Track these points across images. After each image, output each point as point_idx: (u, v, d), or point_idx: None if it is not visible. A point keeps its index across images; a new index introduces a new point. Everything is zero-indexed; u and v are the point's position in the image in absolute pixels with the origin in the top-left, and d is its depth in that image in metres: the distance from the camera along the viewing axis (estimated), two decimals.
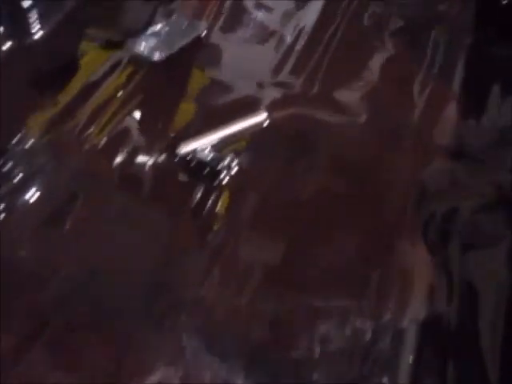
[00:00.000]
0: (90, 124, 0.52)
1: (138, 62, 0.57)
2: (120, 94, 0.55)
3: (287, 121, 0.55)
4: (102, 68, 0.57)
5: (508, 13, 0.67)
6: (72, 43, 0.58)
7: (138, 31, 0.59)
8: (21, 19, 0.56)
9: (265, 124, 0.54)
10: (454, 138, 0.56)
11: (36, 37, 0.56)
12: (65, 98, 0.54)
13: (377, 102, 0.58)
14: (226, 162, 0.49)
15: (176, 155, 0.50)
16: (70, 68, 0.57)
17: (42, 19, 0.57)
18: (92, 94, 0.55)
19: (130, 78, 0.56)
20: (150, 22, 0.60)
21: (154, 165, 0.50)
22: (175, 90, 0.57)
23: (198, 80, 0.58)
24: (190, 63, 0.59)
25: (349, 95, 0.58)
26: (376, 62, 0.61)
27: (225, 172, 0.49)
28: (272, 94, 0.57)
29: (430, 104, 0.58)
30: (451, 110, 0.59)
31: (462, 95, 0.59)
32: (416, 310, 0.44)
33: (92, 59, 0.58)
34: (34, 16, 0.56)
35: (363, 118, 0.56)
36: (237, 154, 0.51)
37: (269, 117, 0.54)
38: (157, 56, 0.57)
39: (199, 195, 0.49)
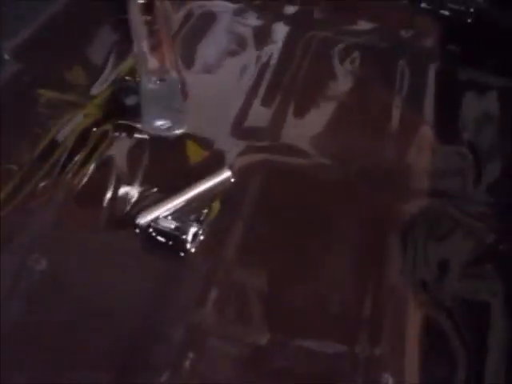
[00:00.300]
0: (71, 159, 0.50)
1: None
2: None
3: (253, 172, 0.52)
4: (62, 132, 0.53)
5: (474, 32, 0.66)
6: (21, 108, 0.55)
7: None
8: None
9: (231, 181, 0.51)
10: (432, 172, 0.53)
11: None
12: (20, 166, 0.51)
13: (346, 141, 0.55)
14: (191, 230, 0.45)
15: (136, 226, 0.47)
16: (22, 136, 0.53)
17: None
18: (53, 153, 0.52)
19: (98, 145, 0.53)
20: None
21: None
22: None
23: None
24: None
25: (317, 137, 0.56)
26: (344, 96, 0.59)
27: (191, 241, 0.45)
28: (237, 145, 0.54)
29: (402, 138, 0.56)
30: (425, 141, 0.56)
31: (434, 125, 0.57)
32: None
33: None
34: None
35: (333, 160, 0.54)
36: (202, 219, 0.48)
37: (234, 172, 0.51)
38: (176, 132, 0.54)
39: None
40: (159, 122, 0.54)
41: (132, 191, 0.50)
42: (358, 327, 0.43)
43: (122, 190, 0.50)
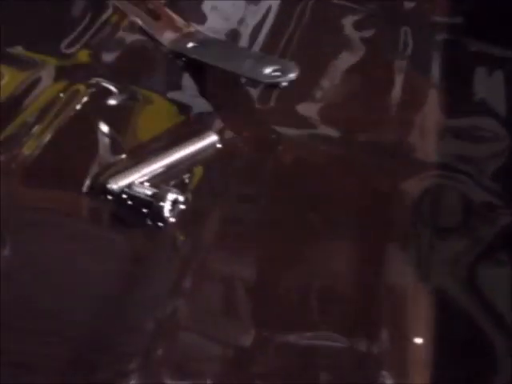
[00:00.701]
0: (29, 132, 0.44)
1: None
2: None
3: (243, 139, 0.47)
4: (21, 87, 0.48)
5: (481, 3, 0.61)
6: None
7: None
8: None
9: (216, 146, 0.45)
10: (441, 146, 0.49)
11: None
12: None
13: (345, 111, 0.50)
14: (170, 197, 0.40)
15: (107, 192, 0.41)
16: None
17: None
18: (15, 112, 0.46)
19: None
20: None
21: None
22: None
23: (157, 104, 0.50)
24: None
25: (312, 106, 0.51)
26: (342, 66, 0.55)
27: (170, 209, 0.40)
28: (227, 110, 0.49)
29: (409, 109, 0.51)
30: (433, 113, 0.52)
31: (443, 95, 0.53)
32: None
33: (10, 80, 0.49)
34: None
35: (332, 131, 0.49)
36: (182, 186, 0.42)
37: (221, 138, 0.45)
38: (292, 74, 0.48)
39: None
40: (268, 70, 0.48)
41: (104, 157, 0.44)
42: (356, 321, 0.38)
43: (92, 156, 0.44)
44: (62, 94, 0.48)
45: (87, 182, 0.42)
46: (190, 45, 0.51)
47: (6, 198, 0.41)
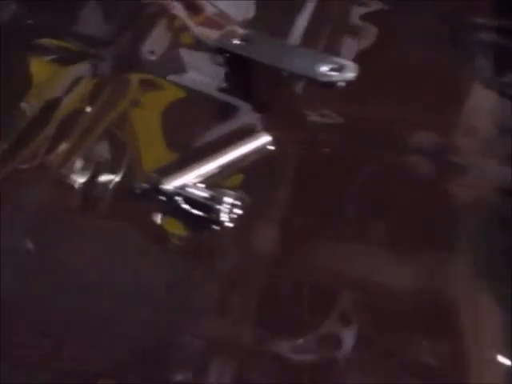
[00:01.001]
0: (54, 147, 0.43)
1: None
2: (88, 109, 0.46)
3: (290, 140, 0.46)
4: (61, 85, 0.47)
5: None
6: (19, 57, 0.49)
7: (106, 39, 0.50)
8: None
9: (267, 148, 0.44)
10: (489, 151, 0.46)
11: None
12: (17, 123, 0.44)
13: (394, 113, 0.48)
14: (226, 200, 0.38)
15: (159, 192, 0.39)
16: (19, 88, 0.47)
17: None
18: (52, 114, 0.45)
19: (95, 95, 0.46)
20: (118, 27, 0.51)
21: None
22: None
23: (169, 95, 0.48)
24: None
25: (357, 107, 0.48)
26: (388, 66, 0.52)
27: (226, 213, 0.38)
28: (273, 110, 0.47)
29: (454, 110, 0.49)
30: (479, 113, 0.49)
31: (487, 99, 0.51)
32: None
33: (47, 76, 0.48)
34: None
35: (380, 133, 0.46)
36: (236, 188, 0.41)
37: (273, 140, 0.44)
38: (352, 72, 0.46)
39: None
40: (324, 68, 0.46)
41: (152, 155, 0.43)
42: (414, 333, 0.37)
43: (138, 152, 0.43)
44: (88, 109, 0.46)
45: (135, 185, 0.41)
46: (236, 41, 0.49)
47: (40, 203, 0.41)
